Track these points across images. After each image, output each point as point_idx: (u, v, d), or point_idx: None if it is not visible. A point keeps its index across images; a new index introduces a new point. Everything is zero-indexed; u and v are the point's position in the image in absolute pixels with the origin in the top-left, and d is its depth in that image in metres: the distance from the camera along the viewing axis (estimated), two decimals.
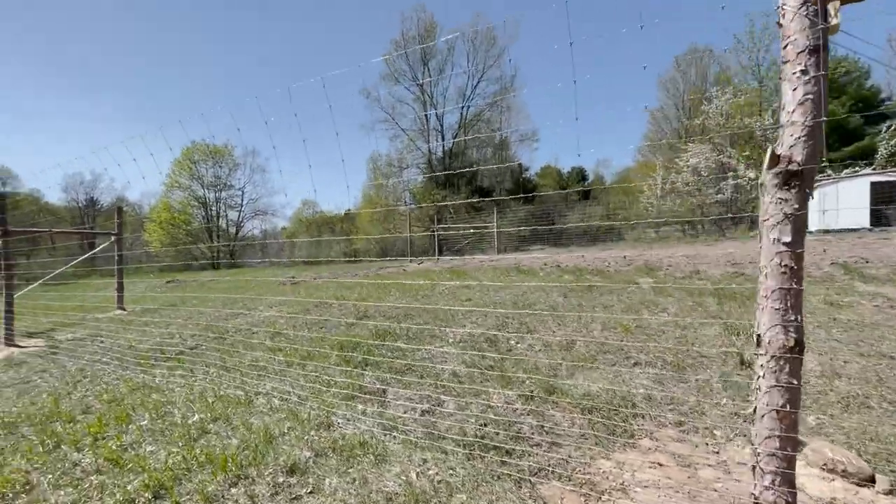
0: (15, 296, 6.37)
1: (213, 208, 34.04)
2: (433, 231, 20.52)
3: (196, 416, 3.07)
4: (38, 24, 60.61)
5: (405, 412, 2.93)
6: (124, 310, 9.04)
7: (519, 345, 4.10)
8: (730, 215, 19.26)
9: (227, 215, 35.15)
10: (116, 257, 9.03)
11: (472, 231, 22.05)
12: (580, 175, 49.17)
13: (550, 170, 51.12)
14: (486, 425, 2.69)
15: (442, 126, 27.10)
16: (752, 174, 18.75)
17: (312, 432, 2.71)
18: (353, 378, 3.54)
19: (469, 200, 23.14)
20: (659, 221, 21.01)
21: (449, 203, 23.59)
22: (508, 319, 4.93)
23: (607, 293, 5.84)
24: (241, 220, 35.18)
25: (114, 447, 2.70)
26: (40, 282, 9.43)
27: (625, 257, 9.85)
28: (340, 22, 59.60)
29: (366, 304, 6.27)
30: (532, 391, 3.06)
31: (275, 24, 63.05)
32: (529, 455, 2.37)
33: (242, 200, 34.84)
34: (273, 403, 3.18)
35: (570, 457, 2.34)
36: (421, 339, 4.50)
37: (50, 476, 2.48)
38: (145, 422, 3.07)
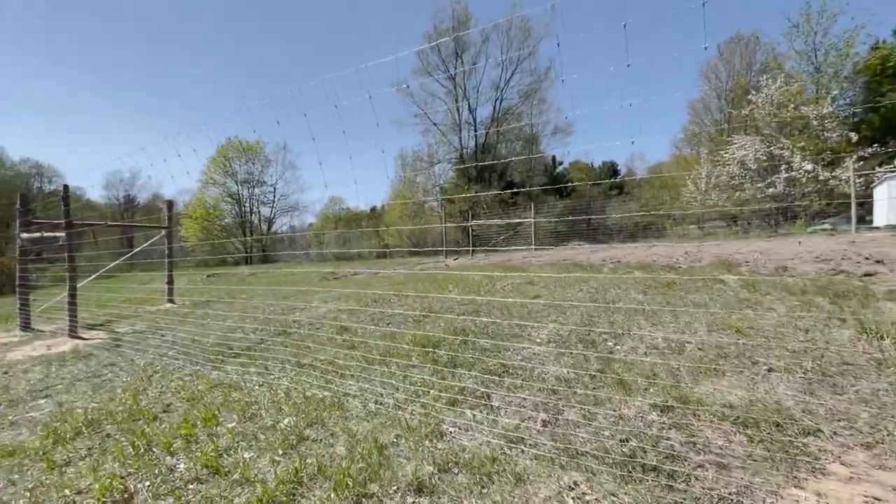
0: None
1: (247, 204, 34.62)
2: (468, 226, 20.16)
3: (287, 420, 2.82)
4: (81, 28, 63.06)
5: (522, 421, 2.60)
6: (174, 303, 9.06)
7: (619, 346, 3.71)
8: (798, 205, 18.02)
9: (259, 211, 35.71)
10: (167, 250, 9.04)
11: (507, 226, 21.58)
12: (612, 170, 47.88)
13: (581, 165, 49.97)
14: (627, 440, 2.32)
15: (475, 120, 26.69)
16: (808, 166, 17.62)
17: (427, 443, 2.40)
18: (447, 379, 3.23)
19: (505, 191, 22.62)
20: (722, 213, 20.04)
21: (482, 194, 23.16)
22: (594, 318, 4.54)
23: (692, 291, 5.36)
24: (273, 215, 35.67)
25: (210, 452, 2.46)
26: (95, 275, 9.53)
27: (686, 253, 9.27)
28: (372, 21, 59.70)
29: (427, 300, 5.98)
30: (664, 401, 2.68)
31: (305, 25, 63.77)
32: (697, 479, 2.00)
33: (274, 196, 35.32)
34: (368, 407, 2.90)
35: (750, 484, 1.95)
36: (502, 336, 4.16)
37: (147, 483, 2.25)
38: (233, 423, 2.84)
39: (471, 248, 20.22)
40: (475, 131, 26.54)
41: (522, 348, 3.80)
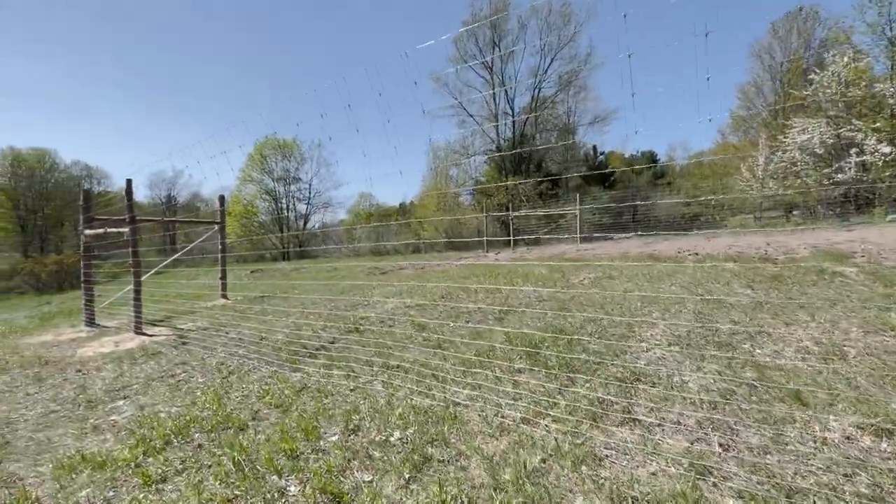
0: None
1: (283, 201, 35.14)
2: (508, 218, 19.58)
3: (397, 434, 2.45)
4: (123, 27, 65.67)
5: (691, 443, 2.13)
6: (228, 298, 8.99)
7: (759, 350, 3.16)
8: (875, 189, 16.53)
9: (294, 208, 36.19)
10: (220, 246, 8.97)
11: (548, 218, 20.88)
12: (651, 159, 45.98)
13: (616, 155, 48.15)
14: (852, 474, 1.82)
15: (513, 110, 25.94)
16: (885, 149, 16.08)
17: (584, 468, 1.97)
18: (568, 386, 2.79)
19: (547, 178, 21.87)
20: (778, 202, 18.69)
21: (522, 181, 22.44)
22: (706, 315, 3.99)
23: (808, 284, 4.70)
24: (308, 212, 36.08)
25: (321, 472, 2.12)
26: (153, 271, 9.58)
27: (768, 244, 8.46)
28: (405, 9, 59.43)
29: (499, 294, 5.55)
30: (872, 421, 2.15)
31: (344, 14, 64.23)
32: None
33: (310, 193, 35.69)
34: (490, 419, 2.50)
35: None
36: (607, 335, 3.69)
37: None
38: (336, 436, 2.50)
39: (511, 240, 19.66)
40: (513, 119, 25.77)
41: (642, 351, 3.31)
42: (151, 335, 5.81)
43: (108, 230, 6.40)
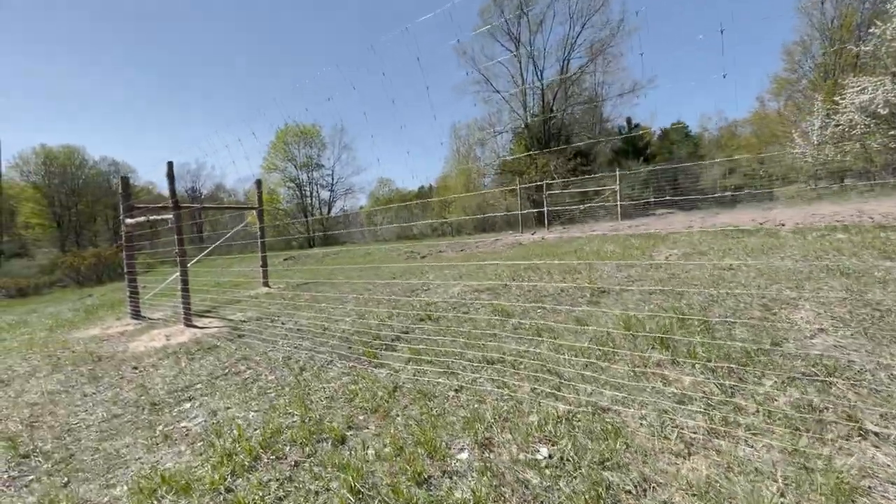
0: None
1: (306, 189, 35.01)
2: (543, 196, 18.77)
3: (545, 450, 1.94)
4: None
5: None
6: (270, 286, 8.67)
7: None
8: None
9: (318, 195, 36.04)
10: (259, 232, 8.62)
11: (583, 196, 19.98)
12: (683, 133, 43.92)
13: (644, 129, 46.12)
14: None
15: (542, 85, 24.74)
16: None
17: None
18: (735, 384, 2.23)
19: (580, 152, 20.87)
20: (834, 170, 17.30)
21: (553, 151, 21.48)
22: (856, 291, 3.33)
23: None
24: (332, 199, 35.89)
25: None
26: (196, 260, 9.33)
27: (859, 212, 7.59)
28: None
29: (581, 275, 4.96)
30: None
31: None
32: None
33: (333, 179, 35.43)
34: (661, 431, 1.96)
35: None
36: (744, 319, 3.08)
37: None
38: (465, 454, 2.01)
39: (546, 219, 18.91)
40: (542, 89, 24.58)
41: (805, 337, 2.70)
42: (202, 327, 5.48)
43: (151, 217, 6.06)
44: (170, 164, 5.40)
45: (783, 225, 6.74)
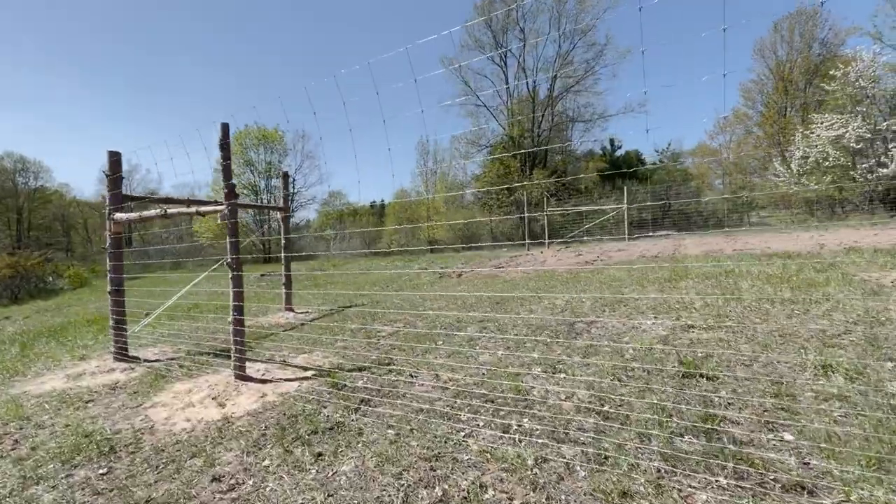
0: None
1: (264, 198, 31.92)
2: (545, 215, 17.89)
3: None
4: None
5: None
6: (294, 311, 6.69)
7: None
8: None
9: (276, 203, 33.00)
10: (283, 241, 6.67)
11: (577, 215, 19.38)
12: (637, 159, 46.09)
13: (594, 156, 47.78)
14: None
15: (534, 101, 24.24)
16: None
17: None
18: None
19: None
20: (806, 199, 18.04)
21: (535, 183, 20.85)
22: None
23: None
24: (293, 209, 32.97)
25: None
26: (204, 274, 7.13)
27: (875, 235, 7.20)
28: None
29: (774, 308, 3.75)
30: None
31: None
32: None
33: (294, 187, 32.64)
34: None
35: None
36: None
37: None
38: None
39: (546, 241, 18.02)
40: (533, 112, 24.10)
41: None
42: (261, 379, 3.57)
43: (169, 210, 4.05)
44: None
45: (822, 245, 6.13)
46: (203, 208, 3.81)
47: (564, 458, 2.07)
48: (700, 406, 2.40)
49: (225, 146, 3.46)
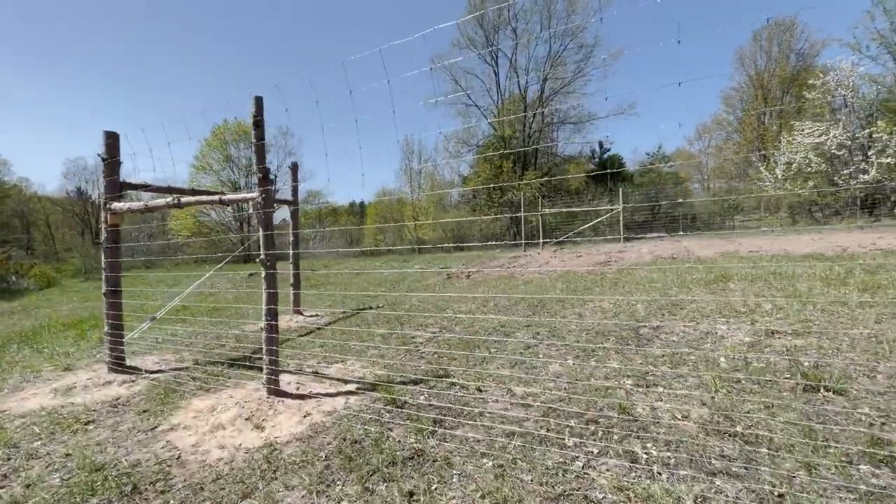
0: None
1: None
2: (540, 216, 17.67)
3: None
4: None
5: None
6: (303, 314, 6.17)
7: None
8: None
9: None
10: (291, 238, 6.14)
11: (571, 216, 19.28)
12: (617, 163, 46.80)
13: (578, 160, 48.23)
14: None
15: (525, 102, 24.06)
16: None
17: None
18: None
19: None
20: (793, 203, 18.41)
21: (528, 182, 20.67)
22: None
23: None
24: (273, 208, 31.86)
25: None
26: (208, 273, 6.45)
27: (879, 238, 7.27)
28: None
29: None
30: None
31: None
32: None
33: (274, 184, 31.51)
34: None
35: None
36: None
37: None
38: None
39: (540, 241, 17.82)
40: (525, 113, 23.94)
41: None
42: (296, 395, 3.08)
43: (181, 200, 3.50)
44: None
45: (844, 249, 6.11)
46: (230, 196, 3.28)
47: (728, 496, 1.70)
48: (849, 424, 2.08)
49: (258, 123, 2.96)
